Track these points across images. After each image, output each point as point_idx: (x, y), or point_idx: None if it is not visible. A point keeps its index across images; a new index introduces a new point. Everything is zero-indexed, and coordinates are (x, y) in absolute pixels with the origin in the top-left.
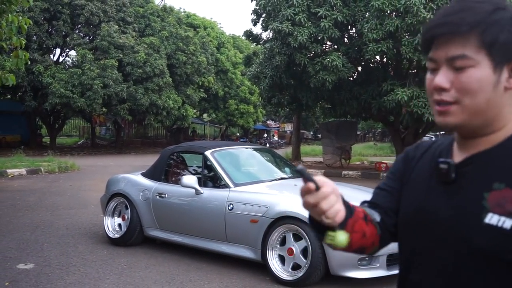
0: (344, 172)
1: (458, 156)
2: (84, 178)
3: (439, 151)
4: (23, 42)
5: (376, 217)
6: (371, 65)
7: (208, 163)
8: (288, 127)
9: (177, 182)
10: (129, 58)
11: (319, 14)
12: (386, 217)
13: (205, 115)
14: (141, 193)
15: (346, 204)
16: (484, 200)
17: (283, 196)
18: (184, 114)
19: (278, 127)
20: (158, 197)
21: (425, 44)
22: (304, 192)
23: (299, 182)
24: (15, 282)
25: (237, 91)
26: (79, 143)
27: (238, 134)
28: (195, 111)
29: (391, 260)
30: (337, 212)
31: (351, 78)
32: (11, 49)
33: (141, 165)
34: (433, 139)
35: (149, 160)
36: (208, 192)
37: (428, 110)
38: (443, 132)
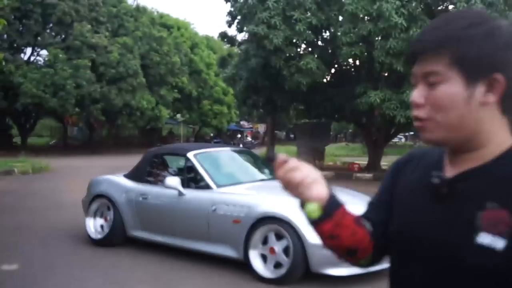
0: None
1: (449, 171)
2: (59, 179)
3: (429, 163)
4: None
5: (368, 227)
6: (345, 68)
7: (191, 165)
8: (261, 128)
9: (160, 183)
10: (102, 58)
11: (294, 17)
12: (378, 229)
13: (178, 116)
14: (124, 194)
15: (333, 197)
16: (477, 219)
17: (265, 197)
18: (158, 114)
19: (251, 128)
20: (141, 198)
21: (410, 59)
22: (278, 168)
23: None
24: (0, 283)
25: (211, 91)
26: (50, 143)
27: (211, 134)
28: (168, 111)
29: None
30: (312, 185)
31: (325, 81)
32: None
33: (116, 166)
34: (403, 140)
35: (123, 161)
36: (191, 193)
37: (399, 112)
38: (412, 133)
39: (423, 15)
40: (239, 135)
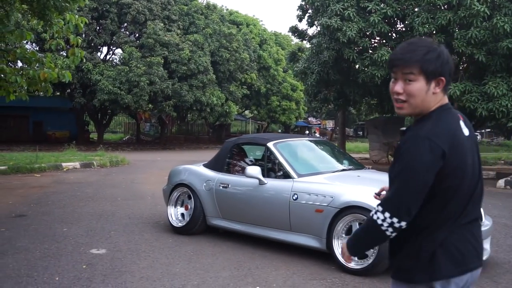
0: None
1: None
2: (136, 172)
3: None
4: (79, 41)
5: None
6: None
7: (271, 155)
8: (329, 124)
9: (239, 172)
10: (174, 55)
11: (368, 8)
12: None
13: (247, 112)
14: (204, 183)
15: None
16: None
17: (348, 186)
18: (227, 110)
19: (319, 124)
20: (221, 187)
21: (391, 66)
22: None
23: (361, 173)
24: (92, 265)
25: (279, 87)
26: (124, 139)
27: (280, 130)
28: (237, 107)
29: None
30: None
31: None
32: (66, 47)
33: (187, 160)
34: (479, 137)
35: (194, 155)
36: (271, 183)
37: (481, 105)
38: (489, 130)
39: (507, 1)
40: (307, 132)
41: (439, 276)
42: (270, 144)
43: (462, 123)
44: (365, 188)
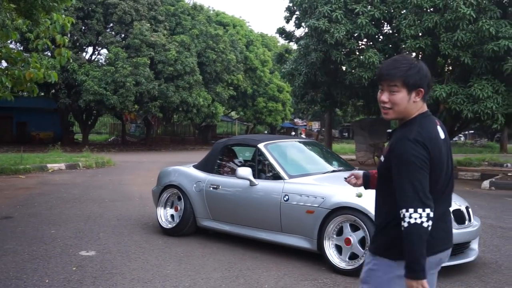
0: None
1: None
2: (122, 173)
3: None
4: (66, 41)
5: None
6: None
7: (261, 156)
8: (315, 126)
9: (230, 174)
10: (160, 56)
11: (356, 10)
12: None
13: (233, 113)
14: (195, 185)
15: (365, 174)
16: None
17: (339, 187)
18: (213, 111)
19: (305, 125)
20: (211, 188)
21: (378, 79)
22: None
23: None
24: (82, 267)
25: (266, 89)
26: (109, 140)
27: (266, 132)
28: (223, 108)
29: (452, 250)
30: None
31: None
32: (52, 47)
33: (174, 161)
34: (462, 138)
35: (180, 157)
36: (262, 184)
37: (467, 107)
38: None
39: (492, 5)
40: (293, 133)
41: None
42: (261, 145)
43: (439, 128)
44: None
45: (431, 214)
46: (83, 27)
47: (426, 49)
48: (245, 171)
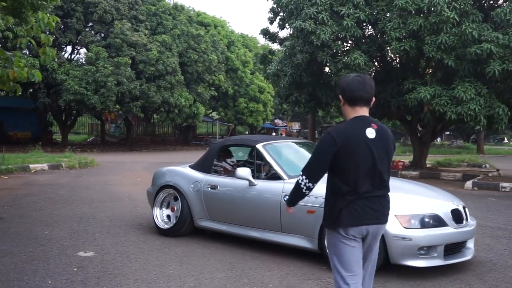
0: None
1: None
2: (107, 174)
3: None
4: (51, 39)
5: None
6: (390, 64)
7: (259, 156)
8: (295, 126)
9: (228, 174)
10: (141, 56)
11: (341, 13)
12: None
13: (214, 113)
14: (192, 185)
15: None
16: None
17: None
18: (195, 112)
19: (285, 126)
20: (209, 188)
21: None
22: None
23: None
24: (83, 268)
25: (247, 89)
26: (88, 140)
27: (247, 132)
28: (205, 109)
29: (448, 250)
30: None
31: (371, 77)
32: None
33: (158, 162)
34: (439, 139)
35: (163, 157)
36: (262, 184)
37: (450, 108)
38: (448, 133)
39: (474, 9)
40: (274, 133)
41: (340, 225)
42: (259, 146)
43: (369, 129)
44: None
45: (311, 187)
46: (63, 26)
47: (411, 51)
48: (245, 171)
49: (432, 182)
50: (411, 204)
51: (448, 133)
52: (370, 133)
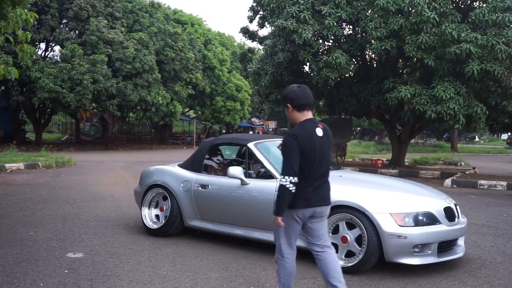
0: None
1: None
2: (85, 173)
3: None
4: (29, 36)
5: None
6: (370, 63)
7: (251, 155)
8: (272, 125)
9: (218, 173)
10: (118, 53)
11: (323, 12)
12: None
13: (191, 112)
14: (182, 184)
15: None
16: None
17: (334, 186)
18: (172, 110)
19: (262, 125)
20: (200, 188)
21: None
22: None
23: (342, 173)
24: (73, 269)
25: (224, 88)
26: (63, 139)
27: (223, 131)
28: (182, 107)
29: (441, 248)
30: None
31: (350, 76)
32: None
33: (136, 161)
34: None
35: (140, 156)
36: (254, 183)
37: (430, 107)
38: (424, 132)
39: (453, 10)
40: (251, 132)
41: (297, 207)
42: (251, 145)
43: (318, 129)
44: (351, 188)
45: (293, 180)
46: (37, 23)
47: (391, 51)
48: (237, 170)
49: (412, 180)
50: (405, 202)
51: (424, 132)
52: (319, 132)
